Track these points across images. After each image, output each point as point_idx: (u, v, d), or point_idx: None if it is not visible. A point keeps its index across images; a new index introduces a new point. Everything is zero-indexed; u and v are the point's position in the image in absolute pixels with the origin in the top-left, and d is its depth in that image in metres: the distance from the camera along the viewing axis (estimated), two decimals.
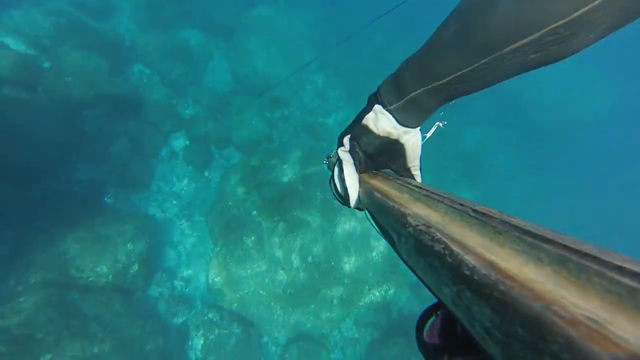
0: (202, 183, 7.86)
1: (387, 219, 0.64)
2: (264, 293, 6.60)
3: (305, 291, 6.67)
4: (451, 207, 0.52)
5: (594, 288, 0.28)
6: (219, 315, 6.27)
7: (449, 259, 0.40)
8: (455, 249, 0.41)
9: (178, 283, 6.63)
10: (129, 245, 5.95)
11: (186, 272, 6.81)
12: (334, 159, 1.55)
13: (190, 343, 6.09)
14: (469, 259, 0.38)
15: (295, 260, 6.63)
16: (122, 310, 5.58)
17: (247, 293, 6.54)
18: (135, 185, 7.07)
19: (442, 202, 0.56)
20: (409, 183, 0.75)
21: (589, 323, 0.25)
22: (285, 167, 7.35)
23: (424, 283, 0.48)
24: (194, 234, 7.21)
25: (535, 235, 0.37)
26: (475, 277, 0.35)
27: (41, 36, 7.47)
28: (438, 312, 0.49)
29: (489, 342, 0.32)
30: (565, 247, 0.33)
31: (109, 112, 7.10)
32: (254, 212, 6.94)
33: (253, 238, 6.73)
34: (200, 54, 9.73)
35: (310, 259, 6.66)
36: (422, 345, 0.48)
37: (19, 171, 5.72)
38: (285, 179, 7.21)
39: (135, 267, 5.96)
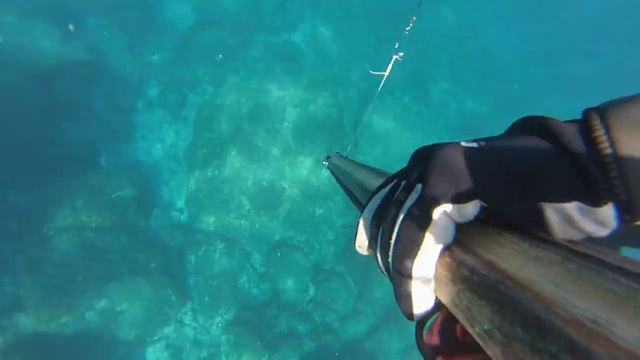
0: (181, 123, 8.76)
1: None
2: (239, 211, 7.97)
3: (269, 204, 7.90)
4: None
5: (594, 288, 0.28)
6: (205, 235, 7.81)
7: (449, 259, 0.41)
8: (455, 249, 0.41)
9: (174, 214, 8.12)
10: (120, 192, 7.34)
11: (179, 203, 8.24)
12: (334, 160, 1.44)
13: (187, 259, 7.80)
14: (469, 259, 0.38)
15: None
16: (129, 242, 7.23)
17: (225, 216, 7.94)
18: (121, 138, 8.19)
19: None
20: None
21: (588, 323, 0.25)
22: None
23: None
24: (181, 169, 8.43)
25: (535, 236, 0.37)
26: (475, 278, 0.35)
27: None
28: (437, 313, 0.48)
29: (489, 343, 0.32)
30: (565, 247, 0.34)
31: (78, 77, 7.87)
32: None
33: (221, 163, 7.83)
34: None
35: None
36: (422, 346, 0.48)
37: (23, 140, 6.99)
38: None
39: (132, 208, 7.43)
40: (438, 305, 0.46)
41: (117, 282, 6.89)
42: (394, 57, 1.76)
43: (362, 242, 0.54)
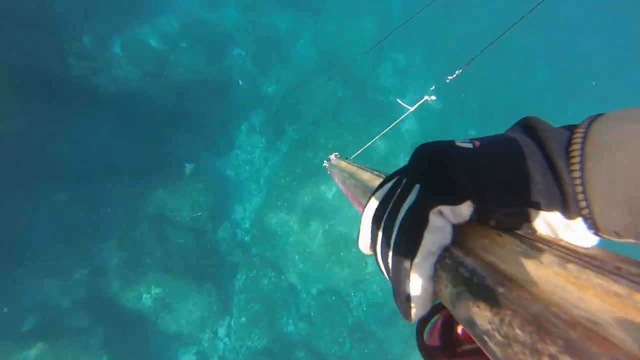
0: (273, 152, 9.53)
1: None
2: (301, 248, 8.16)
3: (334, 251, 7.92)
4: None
5: (594, 289, 0.28)
6: (260, 260, 8.16)
7: (449, 261, 0.41)
8: (455, 250, 0.41)
9: (239, 232, 8.72)
10: (201, 198, 8.21)
11: (247, 224, 8.83)
12: (336, 162, 1.44)
13: (237, 276, 8.22)
14: (469, 261, 0.38)
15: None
16: (194, 244, 7.96)
17: (282, 248, 8.22)
18: (219, 152, 9.25)
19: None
20: None
21: (588, 324, 0.25)
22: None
23: None
24: (258, 194, 9.09)
25: (534, 237, 0.38)
26: (475, 279, 0.36)
27: (171, 34, 9.99)
28: (438, 314, 0.48)
29: (489, 344, 0.32)
30: (565, 248, 0.34)
31: (204, 95, 9.26)
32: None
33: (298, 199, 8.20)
34: (290, 33, 11.01)
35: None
36: (423, 347, 0.47)
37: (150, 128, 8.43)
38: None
39: (205, 215, 8.22)
40: (438, 307, 0.46)
41: (173, 276, 7.58)
42: (426, 97, 1.72)
43: (364, 241, 0.54)
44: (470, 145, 0.44)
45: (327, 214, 8.38)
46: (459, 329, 0.46)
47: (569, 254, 0.33)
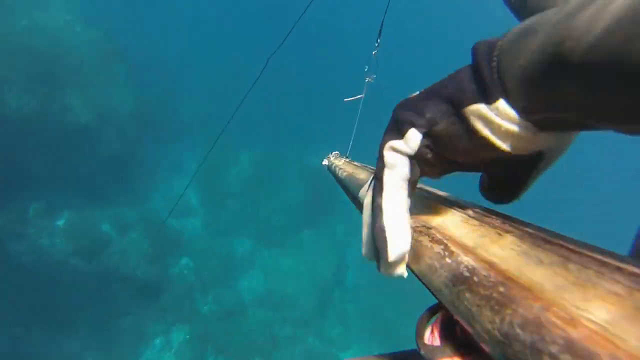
0: None
1: None
2: None
3: None
4: (451, 208, 0.53)
5: (594, 289, 0.28)
6: None
7: (449, 260, 0.41)
8: (455, 250, 0.42)
9: None
10: None
11: None
12: (335, 161, 1.41)
13: None
14: (469, 260, 0.39)
15: None
16: None
17: None
18: None
19: (442, 203, 0.56)
20: None
21: (588, 324, 0.25)
22: None
23: (424, 284, 0.48)
24: None
25: (535, 237, 0.37)
26: (475, 279, 0.36)
27: (126, 224, 9.67)
28: (438, 314, 0.49)
29: (489, 344, 0.32)
30: (566, 248, 0.34)
31: (133, 293, 8.08)
32: None
33: None
34: (245, 260, 10.96)
35: None
36: (422, 347, 0.47)
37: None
38: None
39: None
40: (438, 307, 0.48)
41: None
42: (367, 78, 1.81)
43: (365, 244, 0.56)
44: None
45: None
46: (459, 329, 0.45)
47: (569, 254, 0.32)
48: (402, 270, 0.49)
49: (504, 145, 0.40)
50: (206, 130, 12.60)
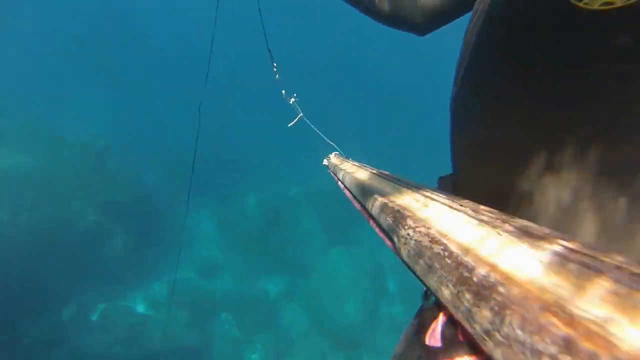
0: None
1: (387, 221, 0.65)
2: None
3: None
4: (452, 208, 0.53)
5: (594, 289, 0.27)
6: None
7: (448, 261, 0.41)
8: (455, 250, 0.42)
9: None
10: None
11: None
12: (335, 161, 1.53)
13: None
14: (469, 260, 0.39)
15: None
16: None
17: None
18: None
19: (443, 203, 0.56)
20: (408, 182, 0.76)
21: (588, 324, 0.25)
22: None
23: (424, 284, 0.48)
24: None
25: (535, 236, 0.37)
26: (475, 279, 0.36)
27: (160, 299, 9.80)
28: (439, 315, 0.48)
29: (489, 344, 0.32)
30: (566, 247, 0.34)
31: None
32: None
33: None
34: (279, 300, 10.80)
35: None
36: (424, 348, 0.47)
37: None
38: None
39: None
40: (438, 308, 0.49)
41: None
42: (291, 100, 1.89)
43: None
44: None
45: None
46: (459, 329, 0.44)
47: (569, 253, 0.32)
48: None
49: None
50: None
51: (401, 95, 29.39)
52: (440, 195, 0.60)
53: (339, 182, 1.26)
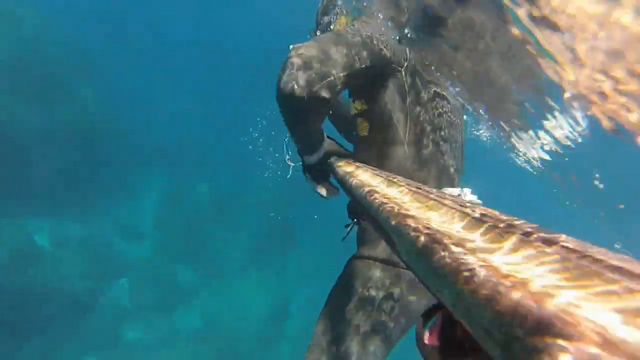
0: None
1: (387, 222, 0.65)
2: None
3: None
4: (452, 208, 0.53)
5: (594, 289, 0.27)
6: None
7: (449, 260, 0.41)
8: (455, 250, 0.42)
9: None
10: None
11: None
12: (333, 161, 1.59)
13: None
14: (469, 260, 0.38)
15: None
16: None
17: None
18: None
19: (443, 204, 0.56)
20: (410, 184, 0.77)
21: (588, 324, 0.25)
22: None
23: (424, 284, 0.49)
24: None
25: (536, 237, 0.38)
26: (475, 279, 0.35)
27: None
28: (438, 314, 0.48)
29: (489, 343, 0.32)
30: (566, 248, 0.34)
31: (55, 311, 7.61)
32: None
33: None
34: (186, 291, 10.47)
35: None
36: (423, 347, 0.47)
37: None
38: None
39: None
40: (438, 307, 0.48)
41: None
42: (289, 164, 1.98)
43: None
44: None
45: None
46: (459, 328, 0.45)
47: (569, 253, 0.34)
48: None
49: None
50: (166, 162, 12.60)
51: None
52: (441, 195, 0.64)
53: (339, 182, 1.33)
